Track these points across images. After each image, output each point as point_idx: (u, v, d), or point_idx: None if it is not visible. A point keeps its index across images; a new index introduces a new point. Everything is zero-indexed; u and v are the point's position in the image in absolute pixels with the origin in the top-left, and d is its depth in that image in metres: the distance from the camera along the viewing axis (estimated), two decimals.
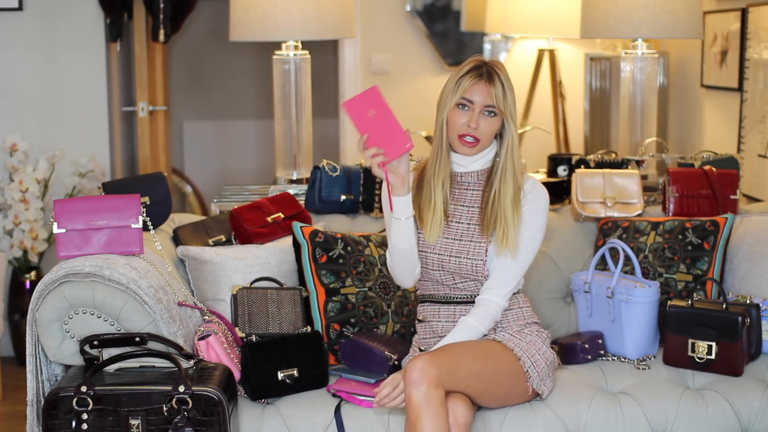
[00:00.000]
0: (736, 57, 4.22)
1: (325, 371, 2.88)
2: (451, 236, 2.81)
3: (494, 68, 2.77)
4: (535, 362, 2.75)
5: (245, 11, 3.77)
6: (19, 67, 4.79)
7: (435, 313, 2.87)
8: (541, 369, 2.76)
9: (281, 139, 3.97)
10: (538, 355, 2.77)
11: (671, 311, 2.99)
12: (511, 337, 2.79)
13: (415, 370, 2.58)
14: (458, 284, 2.82)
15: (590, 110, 5.38)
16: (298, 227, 3.15)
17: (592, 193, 3.41)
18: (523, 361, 2.73)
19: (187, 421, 2.47)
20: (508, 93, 2.76)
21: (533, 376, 2.74)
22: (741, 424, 2.80)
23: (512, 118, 2.78)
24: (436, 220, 2.81)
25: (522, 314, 2.86)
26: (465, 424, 2.61)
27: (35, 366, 2.71)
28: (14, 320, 4.74)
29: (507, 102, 2.76)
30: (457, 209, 2.84)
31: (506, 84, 2.76)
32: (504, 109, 2.75)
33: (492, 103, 2.75)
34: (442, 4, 5.45)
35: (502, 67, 2.80)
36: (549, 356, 2.81)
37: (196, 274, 3.14)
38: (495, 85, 2.75)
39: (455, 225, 2.82)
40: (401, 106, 5.34)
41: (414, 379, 2.57)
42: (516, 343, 2.77)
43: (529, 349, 2.77)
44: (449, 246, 2.80)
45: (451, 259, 2.80)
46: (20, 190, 4.58)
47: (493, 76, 2.75)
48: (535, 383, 2.74)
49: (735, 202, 3.41)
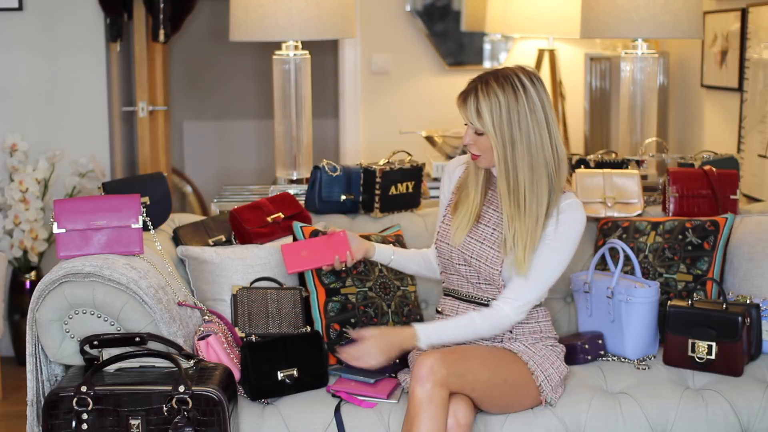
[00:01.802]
0: (736, 57, 4.22)
1: (324, 371, 2.88)
2: (476, 238, 2.80)
3: (478, 86, 2.66)
4: (549, 376, 2.75)
5: (245, 11, 3.77)
6: (19, 67, 4.79)
7: (454, 308, 2.87)
8: (555, 382, 2.77)
9: (281, 139, 3.97)
10: (551, 369, 2.77)
11: (671, 311, 2.99)
12: (525, 349, 2.78)
13: (424, 367, 2.57)
14: (482, 285, 2.82)
15: (590, 110, 5.38)
16: (299, 227, 3.15)
17: (592, 193, 3.41)
18: (536, 375, 2.73)
19: (187, 421, 2.47)
20: (485, 111, 2.64)
21: (546, 390, 2.74)
22: (741, 424, 2.80)
23: (502, 137, 2.65)
24: (464, 222, 2.80)
25: (539, 328, 2.84)
26: (466, 426, 2.61)
27: (35, 366, 2.71)
28: (14, 320, 4.74)
29: (485, 120, 2.64)
30: (488, 212, 2.82)
31: (486, 101, 2.63)
32: (484, 128, 2.66)
33: (471, 121, 2.68)
34: (442, 4, 5.45)
35: (498, 81, 2.65)
36: (563, 370, 2.81)
37: (196, 274, 3.14)
38: (467, 106, 2.67)
39: (483, 227, 2.81)
40: (401, 106, 5.36)
41: (421, 376, 2.56)
42: (530, 356, 2.76)
43: (543, 363, 2.77)
44: (472, 247, 2.80)
45: (473, 261, 2.79)
46: (20, 190, 4.58)
47: (468, 96, 2.66)
48: (549, 397, 2.75)
49: (735, 202, 3.41)
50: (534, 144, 2.66)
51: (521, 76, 2.67)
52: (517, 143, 2.65)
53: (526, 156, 2.66)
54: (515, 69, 2.69)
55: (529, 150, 2.66)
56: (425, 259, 3.01)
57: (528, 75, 2.68)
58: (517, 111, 2.64)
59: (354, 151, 5.36)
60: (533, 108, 2.66)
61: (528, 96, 2.65)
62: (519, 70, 2.68)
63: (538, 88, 2.67)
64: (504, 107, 2.64)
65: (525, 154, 2.66)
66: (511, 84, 2.65)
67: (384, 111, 5.37)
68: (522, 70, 2.69)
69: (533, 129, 2.66)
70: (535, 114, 2.66)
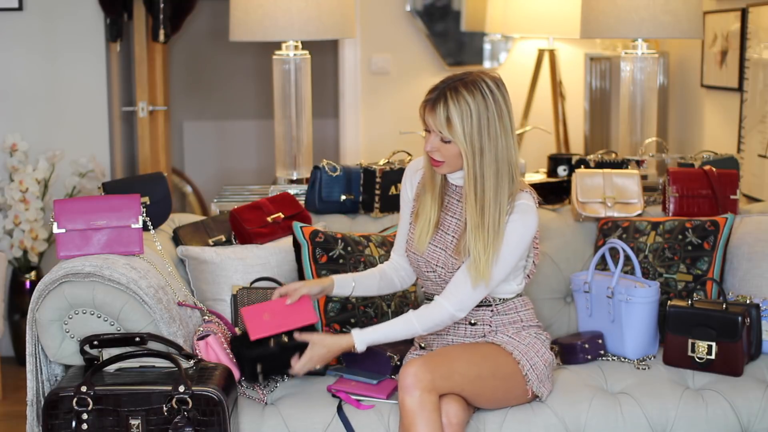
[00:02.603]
0: (736, 57, 4.22)
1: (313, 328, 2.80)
2: (439, 246, 2.77)
3: (448, 93, 2.59)
4: (534, 365, 2.74)
5: (245, 11, 3.77)
6: (19, 67, 4.79)
7: None
8: (540, 371, 2.76)
9: (281, 139, 3.97)
10: (537, 358, 2.76)
11: (671, 311, 2.99)
12: (509, 340, 2.78)
13: (408, 375, 2.57)
14: None
15: (590, 110, 5.38)
16: (299, 227, 3.15)
17: (592, 193, 3.41)
18: (522, 364, 2.72)
19: (187, 421, 2.47)
20: (456, 119, 2.57)
21: (532, 379, 2.73)
22: (741, 424, 2.80)
23: (472, 145, 2.58)
24: (425, 230, 2.77)
25: (519, 318, 2.82)
26: (458, 425, 2.61)
27: (35, 366, 2.71)
28: (14, 320, 4.74)
29: (456, 129, 2.57)
30: (446, 218, 2.78)
31: (456, 109, 2.57)
32: (454, 136, 2.59)
33: (439, 130, 2.62)
34: (442, 4, 5.45)
35: (467, 87, 2.58)
36: (548, 358, 2.80)
37: (196, 274, 3.14)
38: (436, 113, 2.59)
39: (443, 234, 2.77)
40: (401, 106, 5.35)
41: (407, 385, 2.56)
42: (515, 346, 2.75)
43: (528, 351, 2.75)
44: (437, 255, 2.77)
45: (438, 269, 2.77)
46: (20, 190, 4.58)
47: (437, 103, 2.60)
48: (535, 386, 2.74)
49: (735, 202, 3.41)
50: (500, 150, 2.62)
51: (488, 81, 2.61)
52: (486, 151, 2.60)
53: (493, 164, 2.62)
54: (480, 74, 2.63)
55: (496, 158, 2.61)
56: (383, 275, 2.91)
57: (494, 80, 2.63)
58: (486, 118, 2.59)
59: (354, 151, 5.36)
60: (501, 114, 2.61)
61: (496, 102, 2.60)
62: (485, 75, 2.63)
63: (504, 94, 2.63)
64: (475, 115, 2.58)
65: (492, 162, 2.61)
66: (480, 90, 2.59)
67: (384, 111, 5.37)
68: (487, 75, 2.64)
69: (501, 136, 2.61)
70: (502, 121, 2.61)
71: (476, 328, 2.80)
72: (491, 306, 2.79)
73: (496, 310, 2.79)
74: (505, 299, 2.80)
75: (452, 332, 2.82)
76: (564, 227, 3.43)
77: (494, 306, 2.79)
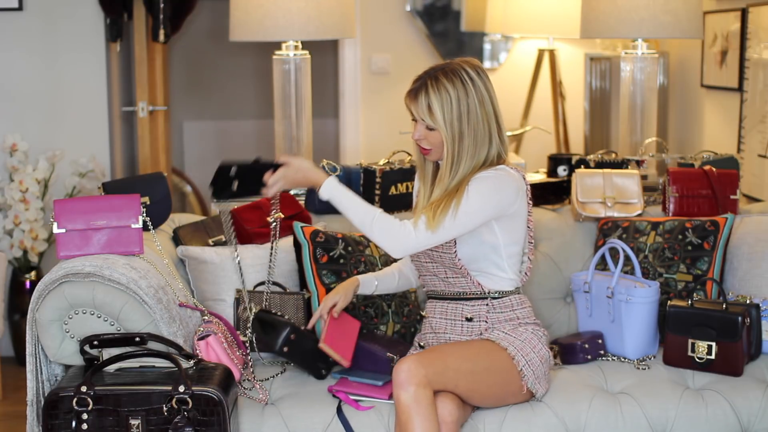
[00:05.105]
0: (736, 57, 4.22)
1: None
2: None
3: (428, 82, 2.69)
4: (530, 360, 2.73)
5: (245, 11, 3.77)
6: (19, 67, 4.79)
7: (433, 309, 2.88)
8: (536, 367, 2.75)
9: (281, 139, 3.97)
10: (533, 354, 2.75)
11: (671, 311, 2.99)
12: (505, 336, 2.77)
13: (402, 371, 2.58)
14: (449, 278, 2.81)
15: (590, 110, 5.38)
16: (299, 227, 3.15)
17: (592, 193, 3.41)
18: (517, 360, 2.72)
19: (187, 421, 2.47)
20: (437, 107, 2.67)
21: (528, 375, 2.73)
22: (741, 424, 2.80)
23: (452, 131, 2.68)
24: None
25: (515, 315, 2.82)
26: (453, 423, 2.60)
27: (35, 366, 2.71)
28: (14, 320, 4.74)
29: (437, 116, 2.67)
30: None
31: (437, 97, 2.66)
32: (435, 123, 2.69)
33: (422, 118, 2.71)
34: (442, 4, 5.46)
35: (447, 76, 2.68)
36: (544, 354, 2.79)
37: (196, 274, 3.14)
38: (418, 102, 2.70)
39: None
40: (401, 106, 5.32)
41: (402, 381, 2.57)
42: (510, 342, 2.75)
43: (524, 347, 2.75)
44: None
45: (431, 252, 2.79)
46: (20, 190, 4.58)
47: (419, 93, 2.70)
48: (530, 382, 2.73)
49: (735, 202, 3.41)
50: (480, 136, 2.70)
51: (468, 69, 2.71)
52: (465, 136, 2.69)
53: (471, 148, 2.71)
54: (461, 63, 2.72)
55: (475, 142, 2.70)
56: (401, 274, 3.03)
57: (474, 68, 2.72)
58: (467, 104, 2.68)
59: (354, 151, 5.36)
60: (482, 100, 2.70)
61: (477, 89, 2.69)
62: (465, 64, 2.72)
63: (484, 80, 2.72)
64: (455, 102, 2.68)
65: (470, 146, 2.70)
66: (460, 78, 2.68)
67: (384, 111, 5.37)
68: (468, 63, 2.73)
69: (482, 121, 2.70)
70: (483, 107, 2.70)
71: (473, 324, 2.80)
72: (486, 299, 2.79)
73: (492, 304, 2.80)
74: (500, 292, 2.81)
75: (449, 330, 2.82)
76: (564, 227, 3.43)
77: (489, 300, 2.80)
